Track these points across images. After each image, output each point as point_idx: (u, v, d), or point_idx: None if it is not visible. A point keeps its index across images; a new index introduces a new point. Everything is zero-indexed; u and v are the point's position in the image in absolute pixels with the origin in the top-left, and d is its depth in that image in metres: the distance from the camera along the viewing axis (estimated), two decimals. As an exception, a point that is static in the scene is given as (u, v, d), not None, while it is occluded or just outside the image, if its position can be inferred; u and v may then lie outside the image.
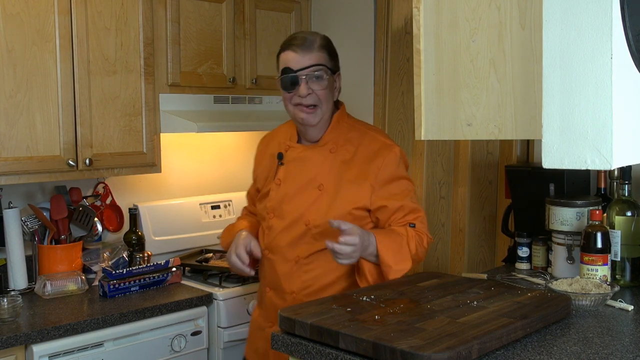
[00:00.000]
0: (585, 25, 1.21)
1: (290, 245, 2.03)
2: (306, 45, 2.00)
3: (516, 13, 1.46)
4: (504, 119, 1.50)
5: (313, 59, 1.99)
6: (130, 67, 2.64)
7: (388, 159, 2.03)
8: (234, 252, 2.06)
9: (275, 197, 2.08)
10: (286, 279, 2.04)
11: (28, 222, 2.61)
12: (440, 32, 1.59)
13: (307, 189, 2.04)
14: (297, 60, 1.99)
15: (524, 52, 1.45)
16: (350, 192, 2.01)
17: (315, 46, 2.01)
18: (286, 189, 2.06)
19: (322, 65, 2.00)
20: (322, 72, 2.00)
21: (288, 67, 2.00)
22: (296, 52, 1.99)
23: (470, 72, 1.55)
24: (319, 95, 2.01)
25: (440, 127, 1.62)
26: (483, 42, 1.52)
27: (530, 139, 1.93)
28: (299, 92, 1.99)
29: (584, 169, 1.26)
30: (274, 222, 2.07)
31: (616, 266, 2.05)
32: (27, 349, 2.13)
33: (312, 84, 1.99)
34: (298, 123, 2.08)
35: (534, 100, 1.44)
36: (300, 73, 1.98)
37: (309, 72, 1.98)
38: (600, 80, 1.21)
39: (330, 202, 2.01)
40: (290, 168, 2.08)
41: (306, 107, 2.01)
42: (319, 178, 2.03)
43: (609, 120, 1.21)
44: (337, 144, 2.06)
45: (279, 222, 2.05)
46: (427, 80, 1.63)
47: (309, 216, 2.01)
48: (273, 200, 2.08)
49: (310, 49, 1.99)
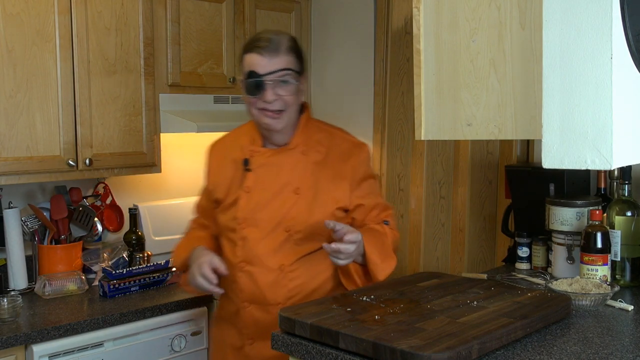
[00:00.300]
0: (585, 25, 1.21)
1: (272, 254, 1.93)
2: (272, 48, 1.88)
3: (516, 13, 1.46)
4: (504, 119, 1.50)
5: (280, 63, 1.88)
6: (130, 67, 2.64)
7: (362, 158, 2.01)
8: (199, 274, 1.90)
9: (247, 205, 1.96)
10: (270, 289, 1.93)
11: (28, 222, 2.61)
12: (440, 32, 1.59)
13: (282, 194, 1.95)
14: (262, 64, 1.87)
15: (524, 52, 1.45)
16: (330, 193, 1.96)
17: (282, 49, 1.90)
18: (258, 196, 1.96)
19: (289, 70, 1.90)
20: (289, 77, 1.90)
21: (253, 70, 1.89)
22: (262, 55, 1.88)
23: (470, 72, 1.55)
24: (285, 101, 1.91)
25: (440, 127, 1.62)
26: (483, 42, 1.52)
27: (530, 139, 1.93)
28: (264, 97, 1.89)
29: (584, 169, 1.26)
30: (248, 232, 1.95)
31: (616, 266, 2.05)
32: (27, 349, 2.13)
33: (278, 89, 1.89)
34: (262, 128, 1.98)
35: (534, 100, 1.44)
36: (266, 78, 1.87)
37: (275, 77, 1.88)
38: (600, 80, 1.21)
39: (309, 205, 1.94)
40: (260, 174, 1.98)
41: (271, 112, 1.91)
42: (294, 182, 1.95)
43: (609, 120, 1.21)
44: (307, 145, 1.99)
45: (255, 232, 1.95)
46: (427, 80, 1.63)
47: (289, 222, 1.93)
48: (244, 210, 1.96)
49: (277, 52, 1.88)
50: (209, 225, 2.13)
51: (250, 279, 1.95)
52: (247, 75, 1.91)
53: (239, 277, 1.97)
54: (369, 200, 2.00)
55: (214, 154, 2.12)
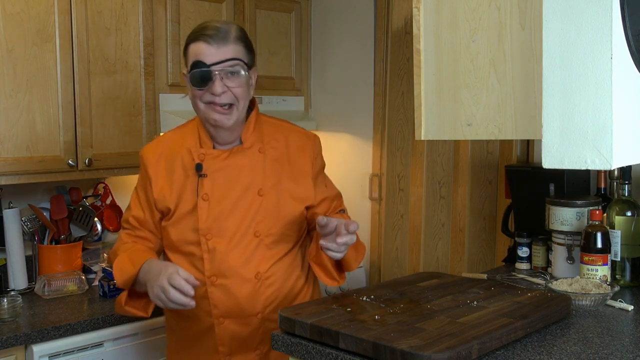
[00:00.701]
0: (585, 25, 1.21)
1: (246, 263, 1.81)
2: (220, 37, 1.74)
3: (516, 13, 1.46)
4: (504, 119, 1.50)
5: (228, 52, 1.74)
6: (130, 67, 2.64)
7: (317, 150, 1.95)
8: (171, 289, 1.64)
9: (208, 215, 1.81)
10: (248, 300, 1.82)
11: (28, 222, 2.61)
12: (440, 32, 1.59)
13: (246, 197, 1.82)
14: (210, 53, 1.73)
15: (524, 52, 1.45)
16: (295, 190, 1.87)
17: (230, 37, 1.75)
18: (220, 203, 1.81)
19: (238, 59, 1.76)
20: (239, 67, 1.76)
21: (200, 60, 1.73)
22: (209, 43, 1.73)
23: (470, 72, 1.55)
24: (235, 94, 1.76)
25: (440, 127, 1.62)
26: (483, 42, 1.52)
27: (530, 139, 1.93)
28: (212, 89, 1.74)
29: (584, 169, 1.26)
30: (215, 244, 1.80)
31: (616, 266, 2.05)
32: (27, 349, 2.13)
33: (227, 80, 1.75)
34: (209, 124, 1.82)
35: (534, 100, 1.44)
36: (214, 68, 1.73)
37: (224, 67, 1.73)
38: (600, 80, 1.21)
39: (276, 205, 1.84)
40: (218, 179, 1.83)
41: (221, 106, 1.76)
42: (256, 183, 1.83)
43: (609, 120, 1.21)
44: (263, 142, 1.87)
45: (223, 242, 1.81)
46: (427, 80, 1.63)
47: (258, 226, 1.82)
48: (206, 220, 1.81)
49: (225, 41, 1.74)
50: (150, 240, 1.91)
51: (225, 292, 1.82)
52: (192, 65, 1.75)
53: (211, 293, 1.82)
54: (330, 192, 1.96)
55: (154, 159, 1.90)
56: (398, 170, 3.07)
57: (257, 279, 1.82)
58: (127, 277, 1.78)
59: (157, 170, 1.88)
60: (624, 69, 1.23)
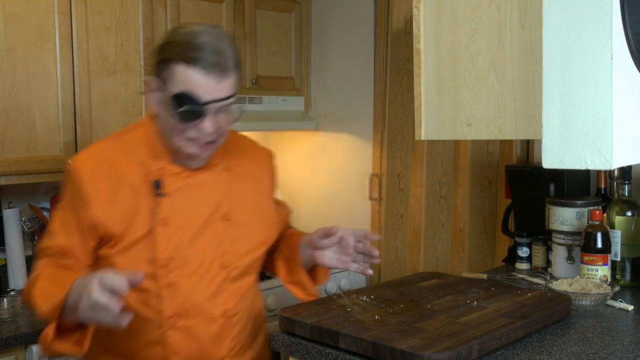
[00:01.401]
0: (585, 25, 1.21)
1: (213, 299, 1.55)
2: (221, 66, 1.42)
3: (516, 13, 1.46)
4: (504, 119, 1.50)
5: (228, 88, 1.44)
6: (130, 67, 2.64)
7: (273, 163, 1.76)
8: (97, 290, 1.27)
9: (169, 242, 1.51)
10: (214, 343, 1.56)
11: (28, 222, 2.61)
12: (440, 32, 1.59)
13: (211, 222, 1.56)
14: (208, 88, 1.41)
15: (524, 52, 1.45)
16: (263, 213, 1.67)
17: (229, 65, 1.44)
18: (182, 229, 1.53)
19: (235, 95, 1.49)
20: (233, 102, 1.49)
21: (193, 95, 1.41)
22: (208, 74, 1.41)
23: (470, 72, 1.55)
24: (222, 130, 1.49)
25: (440, 127, 1.62)
26: (483, 42, 1.52)
27: (530, 139, 1.93)
28: (201, 127, 1.45)
29: (584, 169, 1.26)
30: (177, 277, 1.51)
31: (616, 266, 2.05)
32: (27, 349, 2.13)
33: (219, 117, 1.47)
34: (177, 154, 1.53)
35: (534, 100, 1.44)
36: (210, 106, 1.43)
37: (220, 105, 1.45)
38: (600, 80, 1.21)
39: (243, 232, 1.61)
40: (179, 199, 1.54)
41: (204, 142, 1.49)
42: (222, 206, 1.58)
43: (609, 120, 1.21)
44: (228, 159, 1.63)
45: (186, 275, 1.52)
46: (427, 80, 1.63)
47: (225, 257, 1.57)
48: (166, 248, 1.50)
49: (225, 72, 1.43)
50: (77, 269, 1.50)
51: (187, 336, 1.53)
52: (180, 96, 1.42)
53: (169, 337, 1.52)
54: (286, 207, 1.84)
55: (89, 173, 1.52)
56: (398, 170, 3.07)
57: (225, 318, 1.57)
58: (56, 301, 1.37)
59: (96, 187, 1.50)
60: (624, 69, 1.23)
